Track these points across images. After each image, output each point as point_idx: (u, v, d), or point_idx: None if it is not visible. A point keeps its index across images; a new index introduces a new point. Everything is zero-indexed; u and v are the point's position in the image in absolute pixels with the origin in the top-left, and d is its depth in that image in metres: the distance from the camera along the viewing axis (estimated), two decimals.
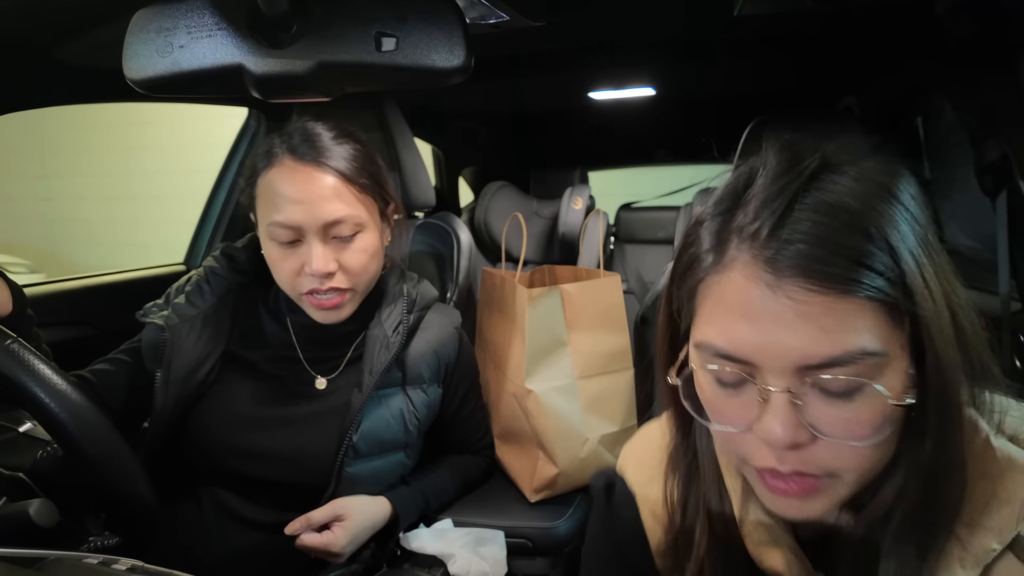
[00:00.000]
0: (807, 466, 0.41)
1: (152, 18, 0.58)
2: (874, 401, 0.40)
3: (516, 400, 1.11)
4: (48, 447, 0.71)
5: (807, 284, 0.38)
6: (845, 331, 0.38)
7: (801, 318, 0.39)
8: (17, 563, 0.47)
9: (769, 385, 0.40)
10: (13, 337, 0.65)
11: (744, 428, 0.43)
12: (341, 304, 0.88)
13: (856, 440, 0.40)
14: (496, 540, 0.98)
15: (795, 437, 0.40)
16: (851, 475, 0.42)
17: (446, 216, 1.40)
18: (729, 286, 0.41)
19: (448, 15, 0.54)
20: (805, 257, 0.38)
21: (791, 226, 0.40)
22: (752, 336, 0.40)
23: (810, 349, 0.39)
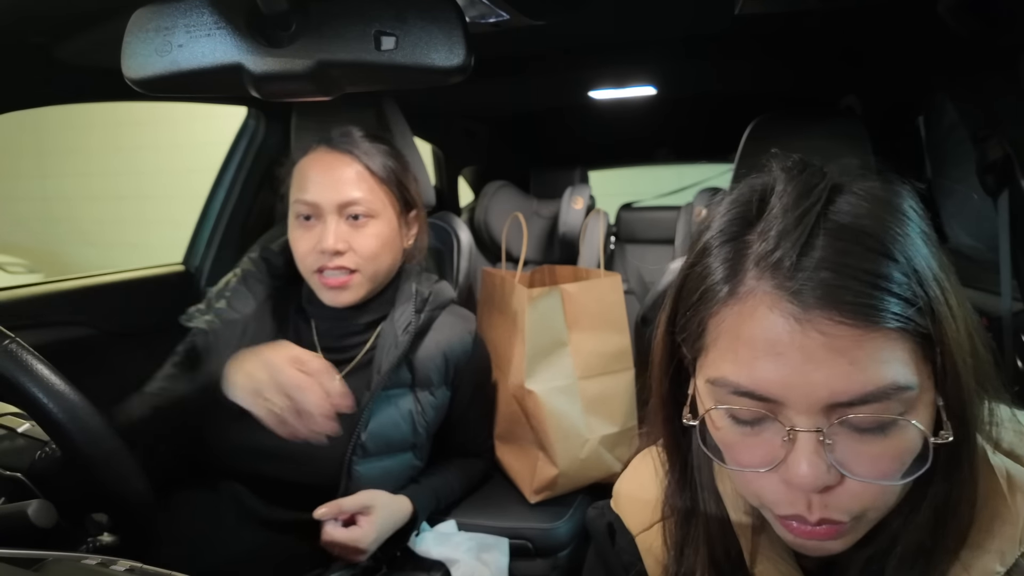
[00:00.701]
0: (835, 511, 0.39)
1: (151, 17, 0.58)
2: (906, 437, 0.38)
3: (516, 400, 1.11)
4: (46, 448, 0.70)
5: (837, 316, 0.36)
6: (876, 364, 0.36)
7: (831, 352, 0.36)
8: (16, 564, 0.47)
9: (796, 424, 0.38)
10: (11, 337, 0.65)
11: (767, 470, 0.40)
12: (347, 285, 0.91)
13: (888, 479, 0.38)
14: (499, 547, 0.98)
15: (825, 480, 0.38)
16: (876, 514, 0.41)
17: (446, 216, 1.39)
18: (749, 320, 0.39)
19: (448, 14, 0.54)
20: (833, 288, 0.36)
21: (814, 255, 0.37)
22: (778, 373, 0.37)
23: (841, 385, 0.37)
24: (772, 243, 0.39)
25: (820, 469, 0.38)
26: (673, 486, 0.50)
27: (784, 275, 0.38)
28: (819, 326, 0.36)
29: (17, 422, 0.74)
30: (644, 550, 0.52)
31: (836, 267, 0.37)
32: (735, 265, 0.40)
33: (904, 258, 0.37)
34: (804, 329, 0.37)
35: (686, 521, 0.50)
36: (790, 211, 0.39)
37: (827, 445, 0.38)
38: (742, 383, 0.39)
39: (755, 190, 0.42)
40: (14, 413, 0.75)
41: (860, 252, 0.37)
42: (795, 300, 0.37)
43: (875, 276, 0.36)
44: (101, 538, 0.70)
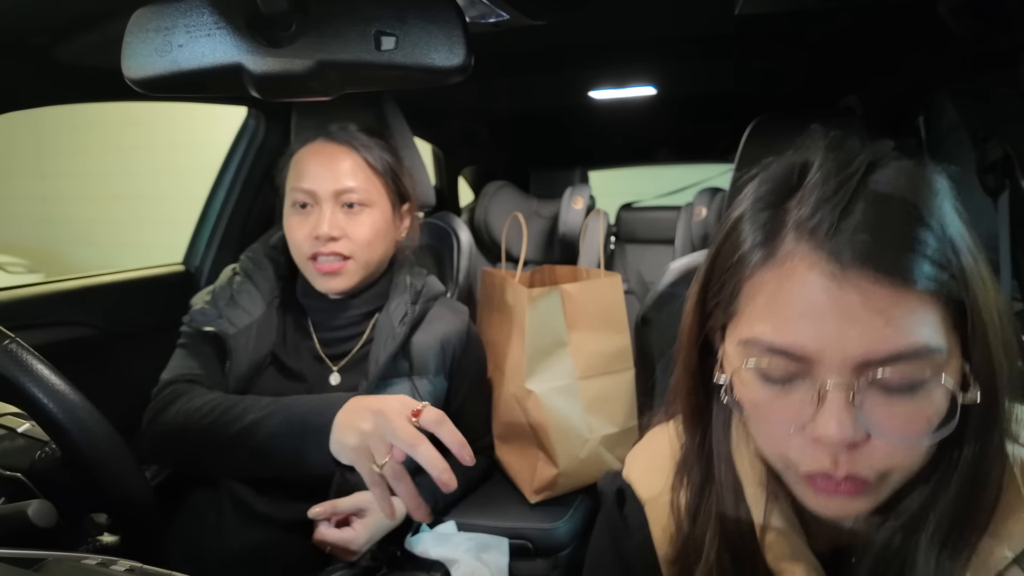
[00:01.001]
0: (860, 468, 0.40)
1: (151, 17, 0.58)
2: (933, 399, 0.39)
3: (516, 401, 1.11)
4: (46, 447, 0.70)
5: (874, 276, 0.38)
6: (910, 325, 0.38)
7: (867, 311, 0.38)
8: (16, 564, 0.47)
9: (827, 382, 0.39)
10: (11, 337, 0.65)
11: (795, 429, 0.41)
12: (340, 271, 0.93)
13: (914, 438, 0.40)
14: (499, 547, 0.98)
15: (853, 436, 0.39)
16: (899, 475, 0.42)
17: (446, 216, 1.39)
18: (787, 281, 0.40)
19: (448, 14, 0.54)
20: (871, 249, 0.38)
21: (853, 219, 0.39)
22: (814, 331, 0.39)
23: (875, 343, 0.38)
24: (812, 208, 0.40)
25: (848, 426, 0.39)
26: (691, 456, 0.51)
27: (823, 237, 0.39)
28: (857, 285, 0.38)
29: (17, 422, 0.74)
30: (652, 519, 0.53)
31: (874, 230, 0.38)
32: (773, 230, 0.41)
33: (939, 226, 0.39)
34: (842, 288, 0.38)
35: (700, 491, 0.50)
36: (831, 179, 0.40)
37: (856, 404, 0.39)
38: (777, 342, 0.40)
39: (794, 163, 0.44)
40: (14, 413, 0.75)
41: (897, 218, 0.39)
42: (834, 260, 0.38)
43: (912, 240, 0.38)
44: (101, 538, 0.70)
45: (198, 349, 0.95)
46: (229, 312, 0.94)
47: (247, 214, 1.51)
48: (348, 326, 0.99)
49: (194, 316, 0.94)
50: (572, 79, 1.57)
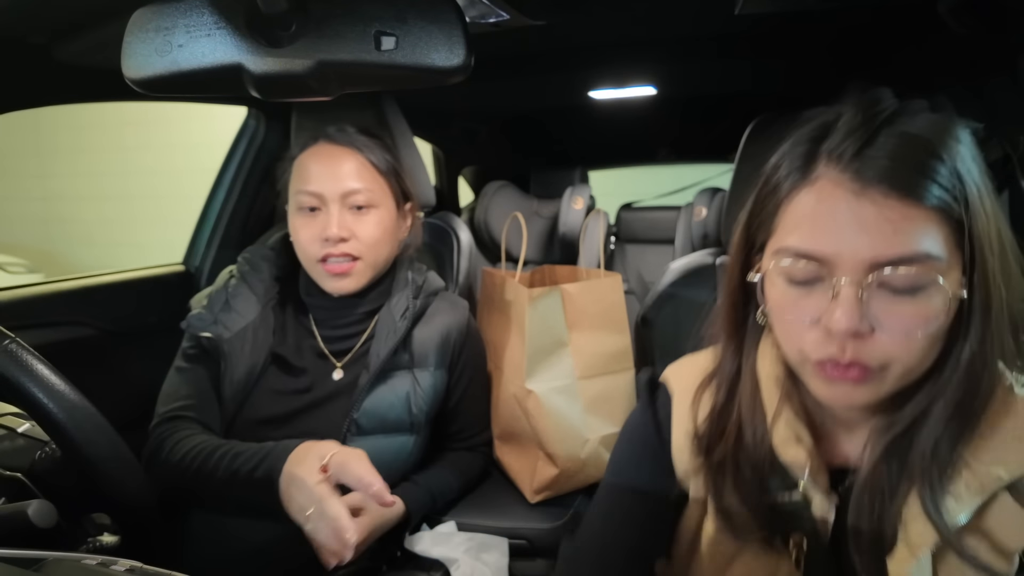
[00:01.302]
0: (864, 356, 0.48)
1: (151, 17, 0.58)
2: (930, 301, 0.47)
3: (516, 400, 1.11)
4: (46, 448, 0.70)
5: (888, 192, 0.46)
6: (915, 235, 0.46)
7: (880, 220, 0.46)
8: (16, 564, 0.47)
9: (841, 280, 0.47)
10: (11, 337, 0.65)
11: (812, 321, 0.49)
12: (350, 272, 0.94)
13: (911, 333, 0.47)
14: (499, 547, 0.98)
15: (858, 326, 0.47)
16: (899, 367, 0.49)
17: (446, 216, 1.39)
18: (814, 196, 0.49)
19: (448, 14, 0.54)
20: (888, 170, 0.46)
21: (876, 147, 0.47)
22: (834, 237, 0.48)
23: (883, 248, 0.46)
24: (841, 137, 0.49)
25: (855, 317, 0.47)
26: (726, 362, 0.60)
27: (848, 161, 0.48)
28: (873, 200, 0.47)
29: (17, 422, 0.74)
30: (678, 413, 0.63)
31: (892, 157, 0.47)
32: (809, 159, 0.51)
33: (950, 160, 0.47)
34: (860, 202, 0.47)
35: (728, 391, 0.60)
36: (859, 115, 0.49)
37: (864, 301, 0.47)
38: (803, 247, 0.49)
39: (831, 111, 0.52)
40: (14, 413, 0.75)
41: (914, 148, 0.47)
42: (855, 179, 0.47)
43: (923, 166, 0.46)
44: (101, 538, 0.70)
45: (194, 365, 0.96)
46: (224, 316, 0.94)
47: (247, 214, 1.51)
48: (351, 324, 1.00)
49: (191, 321, 0.95)
50: (572, 79, 1.57)
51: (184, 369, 0.97)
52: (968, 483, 0.49)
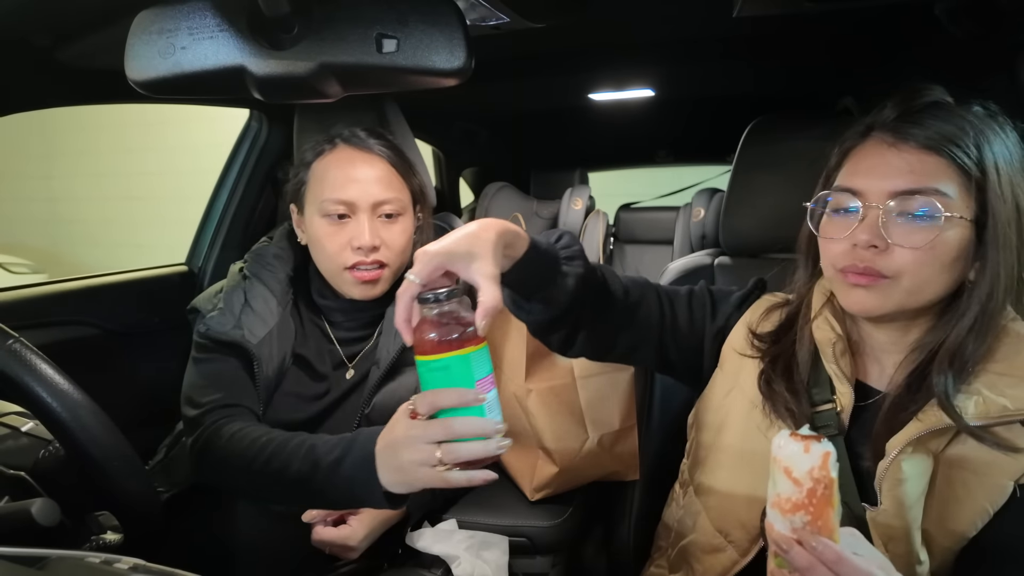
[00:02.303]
0: (878, 264, 0.62)
1: (154, 20, 0.58)
2: (938, 227, 0.61)
3: (516, 399, 1.12)
4: (50, 446, 0.71)
5: (916, 145, 0.62)
6: (930, 175, 0.61)
7: (902, 163, 0.62)
8: (19, 562, 0.47)
9: (869, 204, 0.63)
10: (15, 337, 0.65)
11: (844, 239, 0.65)
12: (379, 280, 0.94)
13: (920, 251, 0.61)
14: (500, 545, 0.98)
15: (874, 240, 0.62)
16: (907, 280, 0.62)
17: (447, 217, 1.40)
18: (865, 149, 0.67)
19: (449, 17, 0.54)
20: (916, 132, 0.62)
21: (914, 115, 0.64)
22: (866, 174, 0.65)
23: (902, 181, 0.62)
24: (890, 108, 0.66)
25: (874, 231, 0.62)
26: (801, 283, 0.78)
27: (890, 124, 0.65)
28: (902, 149, 0.63)
29: (21, 421, 0.74)
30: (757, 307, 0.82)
31: (924, 122, 0.63)
32: (868, 125, 0.68)
33: (974, 133, 0.62)
34: (892, 151, 0.64)
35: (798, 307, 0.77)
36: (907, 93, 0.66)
37: (883, 223, 0.62)
38: (845, 184, 0.67)
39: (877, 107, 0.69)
40: (18, 412, 0.76)
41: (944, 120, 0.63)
42: (893, 136, 0.64)
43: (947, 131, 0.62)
44: (104, 536, 0.70)
45: (221, 361, 0.93)
46: (247, 320, 0.92)
47: (250, 215, 1.52)
48: (364, 326, 1.00)
49: (210, 325, 0.92)
50: (572, 81, 1.57)
51: (209, 360, 0.93)
52: (978, 404, 0.60)
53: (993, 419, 0.60)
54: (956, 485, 0.62)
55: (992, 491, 0.61)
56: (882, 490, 0.63)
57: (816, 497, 0.46)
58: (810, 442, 0.47)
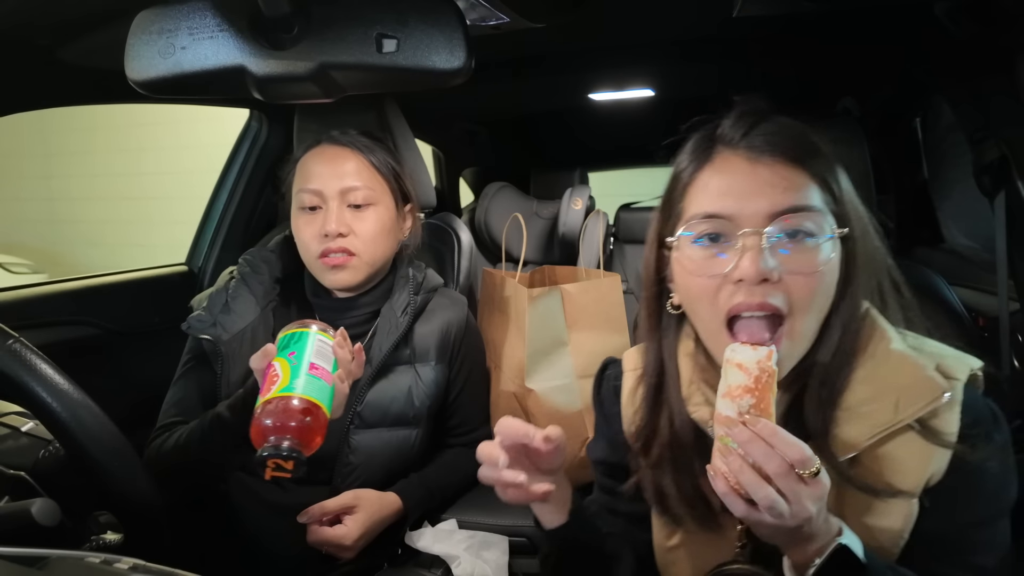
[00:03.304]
0: (772, 299, 0.55)
1: (154, 19, 0.58)
2: (821, 245, 0.56)
3: (516, 399, 1.12)
4: (50, 446, 0.71)
5: (778, 158, 0.56)
6: (803, 190, 0.56)
7: (773, 178, 0.56)
8: (20, 562, 0.47)
9: (746, 232, 0.55)
10: (15, 337, 0.65)
11: (722, 276, 0.57)
12: (347, 265, 0.95)
13: (810, 275, 0.55)
14: (500, 545, 0.98)
15: (763, 272, 0.55)
16: (802, 319, 0.56)
17: (447, 217, 1.40)
18: (715, 170, 0.59)
19: (449, 17, 0.54)
20: (776, 142, 0.57)
21: (761, 129, 0.58)
22: (735, 196, 0.57)
23: (779, 200, 0.56)
24: (731, 125, 0.59)
25: (759, 264, 0.55)
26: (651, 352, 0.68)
27: (739, 140, 0.58)
28: (766, 164, 0.57)
29: (21, 421, 0.74)
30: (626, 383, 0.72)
31: (780, 132, 0.58)
32: (707, 146, 0.60)
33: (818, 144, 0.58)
34: (755, 167, 0.57)
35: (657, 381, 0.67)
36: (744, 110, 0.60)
37: (766, 249, 0.55)
38: (710, 209, 0.58)
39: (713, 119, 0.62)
40: (18, 412, 0.76)
41: (794, 130, 0.59)
42: (748, 151, 0.57)
43: (804, 143, 0.58)
44: (105, 536, 0.70)
45: (191, 376, 0.97)
46: (223, 318, 0.95)
47: (249, 215, 1.52)
48: (356, 324, 1.01)
49: (191, 323, 0.96)
50: (572, 81, 1.57)
51: (181, 383, 0.98)
52: (852, 429, 0.57)
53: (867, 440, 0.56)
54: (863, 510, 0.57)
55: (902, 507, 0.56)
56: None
57: (761, 383, 0.54)
58: (757, 345, 0.56)
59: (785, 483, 0.49)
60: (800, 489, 0.49)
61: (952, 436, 0.55)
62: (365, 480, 0.94)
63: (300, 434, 0.70)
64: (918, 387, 0.56)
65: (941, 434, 0.55)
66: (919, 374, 0.56)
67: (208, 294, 0.99)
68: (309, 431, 0.71)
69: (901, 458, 0.56)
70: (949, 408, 0.56)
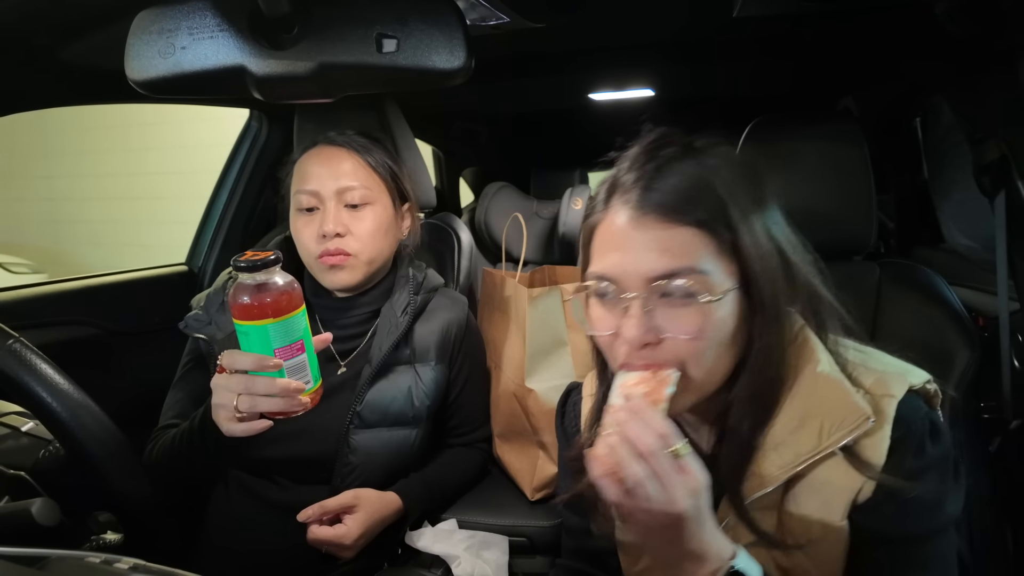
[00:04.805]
0: (658, 359, 0.55)
1: (154, 19, 0.58)
2: (707, 307, 0.54)
3: (517, 399, 1.12)
4: (50, 446, 0.71)
5: (660, 217, 0.54)
6: (683, 252, 0.54)
7: (653, 241, 0.54)
8: (20, 562, 0.47)
9: (629, 294, 0.55)
10: (15, 337, 0.65)
11: (611, 333, 0.57)
12: (344, 264, 0.95)
13: (696, 337, 0.54)
14: (500, 545, 0.98)
15: (645, 337, 0.55)
16: (695, 370, 0.56)
17: (447, 216, 1.40)
18: (609, 225, 0.57)
19: (449, 17, 0.54)
20: (659, 201, 0.55)
21: (653, 180, 0.56)
22: (619, 258, 0.56)
23: (657, 264, 0.54)
24: (625, 173, 0.58)
25: (642, 328, 0.54)
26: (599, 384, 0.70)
27: (631, 193, 0.56)
28: (648, 225, 0.55)
29: (21, 421, 0.74)
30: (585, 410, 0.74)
31: (663, 187, 0.55)
32: (609, 193, 0.59)
33: (714, 188, 0.55)
34: (638, 227, 0.55)
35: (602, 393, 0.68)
36: (642, 155, 0.59)
37: (649, 312, 0.55)
38: (599, 270, 0.58)
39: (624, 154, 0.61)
40: (18, 412, 0.76)
41: (681, 180, 0.55)
42: (635, 209, 0.55)
43: (688, 195, 0.55)
44: (105, 536, 0.70)
45: (189, 379, 0.98)
46: (219, 317, 0.95)
47: (249, 215, 1.52)
48: (357, 323, 1.01)
49: (188, 323, 0.96)
50: (572, 81, 1.57)
51: (180, 384, 0.99)
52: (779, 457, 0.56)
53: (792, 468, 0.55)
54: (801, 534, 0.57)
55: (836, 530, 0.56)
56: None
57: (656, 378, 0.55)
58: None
59: (657, 461, 0.50)
60: (672, 473, 0.50)
61: (879, 461, 0.54)
62: (365, 480, 0.94)
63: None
64: (842, 412, 0.55)
65: (866, 463, 0.54)
66: (844, 399, 0.55)
67: (207, 294, 1.00)
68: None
69: (829, 482, 0.55)
70: (878, 430, 0.54)
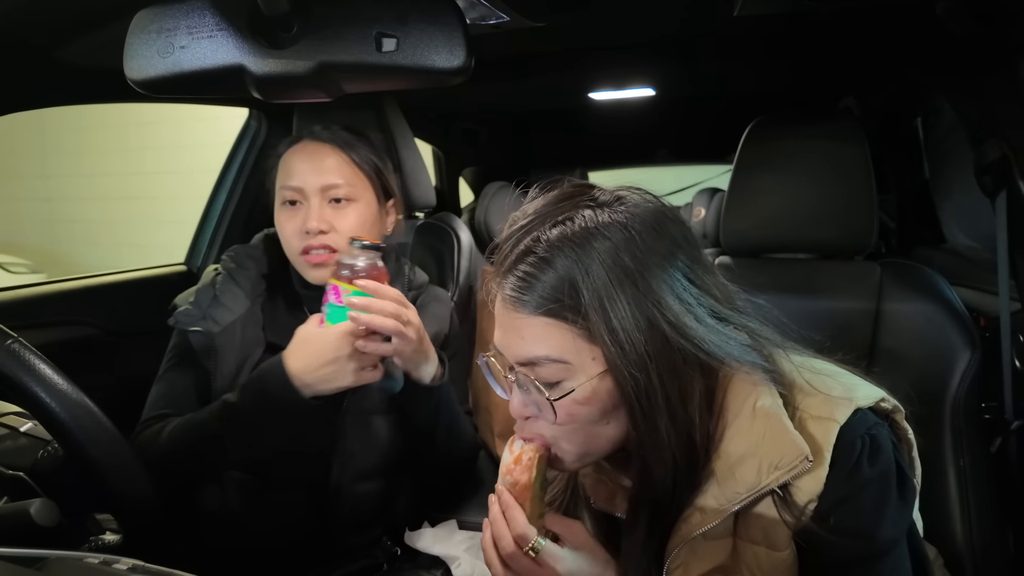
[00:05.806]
0: (539, 432, 0.59)
1: (153, 18, 0.58)
2: (569, 393, 0.55)
3: None
4: (49, 447, 0.71)
5: (516, 307, 0.56)
6: (536, 340, 0.56)
7: (514, 328, 0.57)
8: (18, 563, 0.47)
9: (507, 373, 0.60)
10: (14, 337, 0.65)
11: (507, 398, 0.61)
12: (328, 262, 0.95)
13: (561, 421, 0.57)
14: None
15: (522, 412, 0.60)
16: (568, 446, 0.59)
17: (446, 216, 1.40)
18: (496, 296, 0.60)
19: (448, 16, 0.54)
20: (517, 289, 0.56)
21: (515, 264, 0.57)
22: (499, 335, 0.60)
23: (518, 350, 0.57)
24: (505, 243, 0.59)
25: (519, 404, 0.59)
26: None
27: (504, 275, 0.58)
28: (510, 311, 0.57)
29: (20, 421, 0.74)
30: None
31: (520, 276, 0.56)
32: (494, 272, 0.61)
33: (564, 271, 0.54)
34: (506, 310, 0.58)
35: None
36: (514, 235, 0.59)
37: (524, 389, 0.59)
38: (494, 340, 0.61)
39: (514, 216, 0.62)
40: (17, 412, 0.75)
41: (538, 269, 0.55)
42: (502, 290, 0.58)
43: (542, 285, 0.55)
44: (103, 537, 0.70)
45: (177, 372, 0.97)
46: (213, 311, 0.95)
47: (248, 214, 1.52)
48: None
49: (179, 318, 0.96)
50: (572, 81, 1.57)
51: (168, 377, 0.98)
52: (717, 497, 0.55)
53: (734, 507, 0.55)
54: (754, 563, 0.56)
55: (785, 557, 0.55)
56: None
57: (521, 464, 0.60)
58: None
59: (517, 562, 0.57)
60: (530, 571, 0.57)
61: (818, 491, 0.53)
62: (362, 467, 0.94)
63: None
64: (780, 451, 0.54)
65: (794, 505, 0.54)
66: (782, 437, 0.54)
67: (194, 291, 0.99)
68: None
69: (767, 514, 0.55)
70: (818, 466, 0.53)
